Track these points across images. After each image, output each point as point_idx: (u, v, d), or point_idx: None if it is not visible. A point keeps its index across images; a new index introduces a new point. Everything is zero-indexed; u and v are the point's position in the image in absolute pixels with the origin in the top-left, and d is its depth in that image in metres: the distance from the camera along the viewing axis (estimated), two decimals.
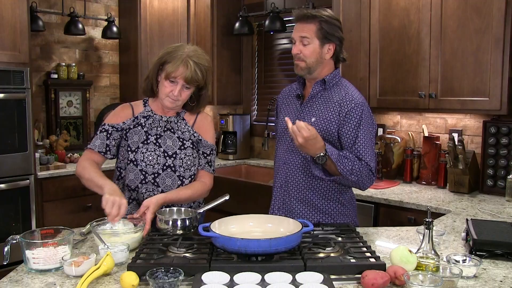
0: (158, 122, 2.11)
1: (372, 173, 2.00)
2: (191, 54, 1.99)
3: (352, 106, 2.02)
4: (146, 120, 2.10)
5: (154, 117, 2.11)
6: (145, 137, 2.07)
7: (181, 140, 2.10)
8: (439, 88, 2.93)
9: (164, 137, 2.09)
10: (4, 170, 3.34)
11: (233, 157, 4.42)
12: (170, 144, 2.08)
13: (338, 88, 2.09)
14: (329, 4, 3.48)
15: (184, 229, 1.83)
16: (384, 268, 1.51)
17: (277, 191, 2.21)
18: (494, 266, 1.64)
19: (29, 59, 3.48)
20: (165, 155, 2.06)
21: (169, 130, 2.11)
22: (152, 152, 2.06)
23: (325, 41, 2.04)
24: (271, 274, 1.44)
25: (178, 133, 2.11)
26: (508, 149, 2.83)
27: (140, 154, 2.05)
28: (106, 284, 1.47)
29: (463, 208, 2.57)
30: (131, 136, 2.08)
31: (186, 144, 2.10)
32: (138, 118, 2.11)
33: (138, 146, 2.06)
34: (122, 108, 2.15)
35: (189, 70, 1.96)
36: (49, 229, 1.74)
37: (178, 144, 2.09)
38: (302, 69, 2.07)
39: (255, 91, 4.58)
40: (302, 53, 2.04)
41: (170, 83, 2.00)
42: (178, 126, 2.13)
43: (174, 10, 4.48)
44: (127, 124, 2.09)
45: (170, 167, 2.07)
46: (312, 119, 2.07)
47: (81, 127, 4.35)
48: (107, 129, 2.08)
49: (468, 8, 2.79)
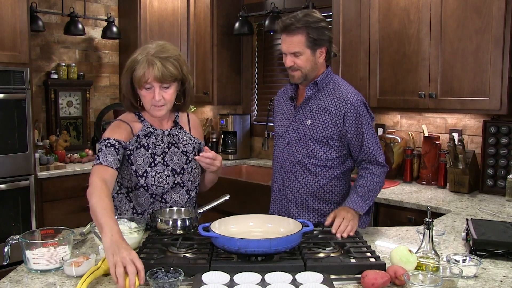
0: (161, 138, 1.97)
1: (385, 167, 2.08)
2: (153, 52, 1.82)
3: (348, 107, 2.02)
4: (149, 139, 1.94)
5: (156, 134, 1.96)
6: (152, 159, 1.93)
7: (185, 154, 2.00)
8: (439, 88, 2.93)
9: (170, 154, 1.97)
10: (4, 170, 3.34)
11: (233, 157, 4.42)
12: (177, 161, 1.97)
13: (331, 87, 2.09)
14: (329, 4, 3.49)
15: (184, 229, 1.83)
16: (384, 268, 1.51)
17: (276, 195, 2.22)
18: (494, 266, 1.64)
19: (29, 59, 3.48)
20: (173, 173, 1.96)
21: (173, 145, 1.99)
22: (161, 173, 1.93)
23: (316, 47, 2.02)
24: (271, 274, 1.44)
25: (181, 147, 2.00)
26: (508, 148, 2.83)
27: (151, 178, 1.91)
28: (106, 284, 1.47)
29: (463, 208, 2.57)
30: (135, 159, 1.91)
31: (190, 157, 2.01)
32: (140, 137, 1.93)
33: (146, 170, 1.91)
34: (119, 124, 1.94)
35: (156, 69, 1.79)
36: (49, 229, 1.74)
37: (184, 159, 1.99)
38: (298, 78, 2.07)
39: (255, 91, 4.58)
40: (296, 64, 2.03)
41: (146, 91, 1.84)
42: (179, 139, 2.01)
43: (174, 10, 4.48)
44: (132, 143, 1.91)
45: (179, 183, 1.98)
46: (308, 121, 2.07)
47: (81, 127, 4.35)
48: (113, 143, 1.84)
49: (468, 8, 2.79)
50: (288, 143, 2.13)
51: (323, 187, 2.10)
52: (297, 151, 2.10)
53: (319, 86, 2.09)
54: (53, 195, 3.63)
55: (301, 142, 2.09)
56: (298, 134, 2.10)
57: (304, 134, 2.08)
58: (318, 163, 2.07)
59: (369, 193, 2.01)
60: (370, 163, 2.06)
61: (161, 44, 1.89)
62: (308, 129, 2.07)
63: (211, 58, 4.34)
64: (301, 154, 2.09)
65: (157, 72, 1.79)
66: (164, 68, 1.81)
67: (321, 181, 2.09)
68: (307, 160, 2.08)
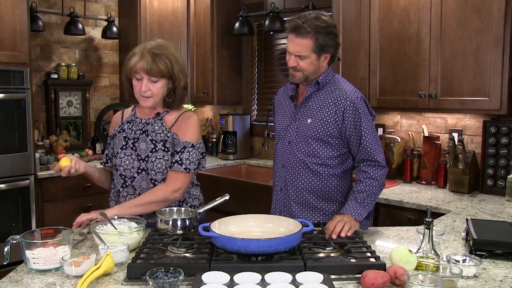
0: (137, 125, 2.10)
1: (384, 168, 2.04)
2: (149, 47, 1.99)
3: (347, 104, 2.02)
4: (128, 125, 2.13)
5: (135, 121, 2.12)
6: (124, 142, 2.09)
7: (153, 143, 2.04)
8: (439, 88, 2.93)
9: (139, 141, 2.07)
10: (4, 170, 3.34)
11: (233, 157, 4.41)
12: (144, 147, 2.05)
13: (331, 86, 2.09)
14: (329, 4, 3.49)
15: (184, 229, 1.84)
16: (384, 268, 1.51)
17: (277, 194, 2.21)
18: (494, 266, 1.64)
19: (29, 59, 3.48)
20: (138, 158, 2.05)
21: (144, 132, 2.07)
22: (129, 156, 2.06)
23: (322, 53, 2.02)
24: (271, 274, 1.44)
25: (151, 135, 2.05)
26: (508, 148, 2.83)
27: (119, 159, 2.08)
28: (106, 284, 1.47)
29: (463, 208, 2.57)
30: (114, 142, 2.13)
31: (158, 147, 2.03)
32: (123, 123, 2.15)
33: (118, 152, 2.09)
34: (115, 117, 2.23)
35: (145, 61, 1.95)
36: (49, 229, 1.74)
37: (150, 146, 2.04)
38: (299, 78, 2.07)
39: (255, 91, 4.58)
40: (299, 65, 2.03)
41: (137, 81, 2.01)
42: (153, 128, 2.07)
43: (174, 10, 4.48)
44: (116, 130, 2.15)
45: (144, 170, 2.04)
46: (308, 120, 2.07)
47: (81, 127, 4.35)
48: (109, 141, 2.17)
49: (468, 8, 2.79)
50: (289, 142, 2.13)
51: (325, 186, 2.10)
52: (298, 150, 2.10)
53: (320, 85, 2.09)
54: (53, 195, 3.63)
55: (302, 141, 2.09)
56: (299, 133, 2.10)
57: (305, 133, 2.08)
58: (319, 162, 2.07)
59: (368, 199, 1.98)
60: (369, 165, 2.03)
61: (160, 43, 2.05)
62: (308, 128, 2.07)
63: (211, 58, 4.34)
64: (302, 153, 2.09)
65: (145, 64, 1.95)
66: (153, 63, 1.96)
67: (322, 180, 2.09)
68: (308, 159, 2.08)
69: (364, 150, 2.03)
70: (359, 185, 2.01)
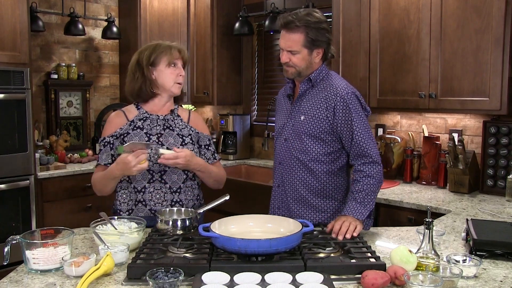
0: (156, 121, 2.13)
1: (378, 165, 2.02)
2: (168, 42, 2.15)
3: (338, 99, 2.02)
4: (144, 122, 2.12)
5: (151, 118, 2.13)
6: (147, 138, 2.09)
7: (181, 137, 2.13)
8: (439, 88, 2.93)
9: (165, 135, 2.11)
10: (4, 170, 3.34)
11: (233, 157, 4.41)
12: (172, 141, 2.10)
13: (324, 83, 2.09)
14: (329, 4, 3.49)
15: (184, 229, 1.84)
16: (384, 268, 1.51)
17: (275, 191, 2.23)
18: (494, 266, 1.64)
19: (29, 59, 3.48)
20: None
21: (168, 128, 2.13)
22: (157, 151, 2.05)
23: (313, 48, 2.04)
24: (271, 274, 1.44)
25: (177, 130, 2.14)
26: (508, 149, 2.83)
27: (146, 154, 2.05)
28: (106, 284, 1.47)
29: (463, 208, 2.57)
30: (131, 139, 2.07)
31: (186, 140, 2.13)
32: (134, 121, 2.12)
33: None
34: (114, 116, 2.16)
35: (182, 52, 2.14)
36: (49, 229, 1.74)
37: (179, 140, 2.11)
38: (292, 74, 2.09)
39: (255, 91, 4.58)
40: (291, 61, 2.05)
41: (172, 69, 2.11)
42: (175, 124, 2.16)
43: (174, 10, 4.48)
44: (124, 129, 2.10)
45: None
46: (302, 117, 2.09)
47: (81, 127, 4.35)
48: (108, 140, 2.10)
49: (468, 8, 2.79)
50: (285, 139, 2.15)
51: (320, 183, 2.10)
52: (293, 147, 2.11)
53: (313, 82, 2.10)
54: (53, 195, 3.62)
55: (297, 138, 2.10)
56: (294, 130, 2.11)
57: (299, 130, 2.09)
58: (313, 159, 2.08)
59: (367, 197, 1.98)
60: (364, 163, 2.01)
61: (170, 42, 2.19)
62: (302, 125, 2.08)
63: (211, 58, 4.34)
64: (296, 150, 2.10)
65: (183, 53, 2.15)
66: (184, 52, 2.16)
67: (317, 177, 2.09)
68: (303, 156, 2.09)
69: (356, 145, 2.01)
70: (357, 184, 2.01)
